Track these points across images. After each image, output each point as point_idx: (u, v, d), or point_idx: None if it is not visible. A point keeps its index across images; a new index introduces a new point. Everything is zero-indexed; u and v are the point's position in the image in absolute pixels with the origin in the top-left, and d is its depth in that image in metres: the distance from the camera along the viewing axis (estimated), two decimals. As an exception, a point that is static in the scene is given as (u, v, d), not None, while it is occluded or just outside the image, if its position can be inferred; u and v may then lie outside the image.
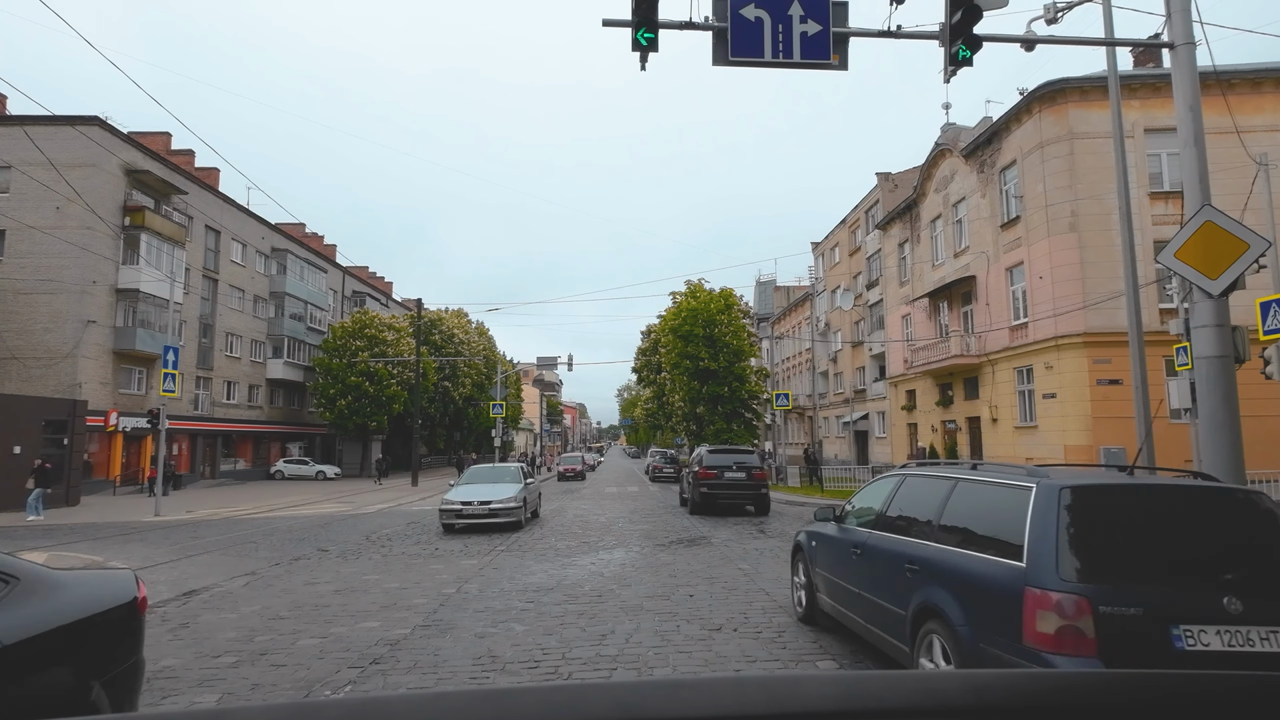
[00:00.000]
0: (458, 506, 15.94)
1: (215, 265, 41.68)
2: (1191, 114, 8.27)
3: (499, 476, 18.05)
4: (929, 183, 35.00)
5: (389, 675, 6.06)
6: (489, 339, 68.47)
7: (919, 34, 8.50)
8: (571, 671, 6.13)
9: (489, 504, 15.96)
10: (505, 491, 16.60)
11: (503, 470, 18.87)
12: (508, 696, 1.01)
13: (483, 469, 19.11)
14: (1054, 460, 25.04)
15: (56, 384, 30.71)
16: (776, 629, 7.31)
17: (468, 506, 15.91)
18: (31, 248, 31.59)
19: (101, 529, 18.44)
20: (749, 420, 41.14)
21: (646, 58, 8.25)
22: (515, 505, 16.37)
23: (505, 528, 16.22)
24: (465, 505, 15.92)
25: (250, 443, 45.40)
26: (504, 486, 16.98)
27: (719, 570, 10.81)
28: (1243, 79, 24.33)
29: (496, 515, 15.94)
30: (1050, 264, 25.30)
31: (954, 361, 30.49)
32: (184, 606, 8.91)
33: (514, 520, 16.34)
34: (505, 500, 16.20)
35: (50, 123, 29.66)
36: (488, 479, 17.75)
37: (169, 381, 21.73)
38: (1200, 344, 8.02)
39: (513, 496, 16.45)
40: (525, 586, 9.75)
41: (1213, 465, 7.89)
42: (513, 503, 16.32)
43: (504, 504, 16.11)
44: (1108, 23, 10.71)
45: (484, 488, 16.81)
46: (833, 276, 51.39)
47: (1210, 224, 7.92)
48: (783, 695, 1.00)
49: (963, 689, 1.04)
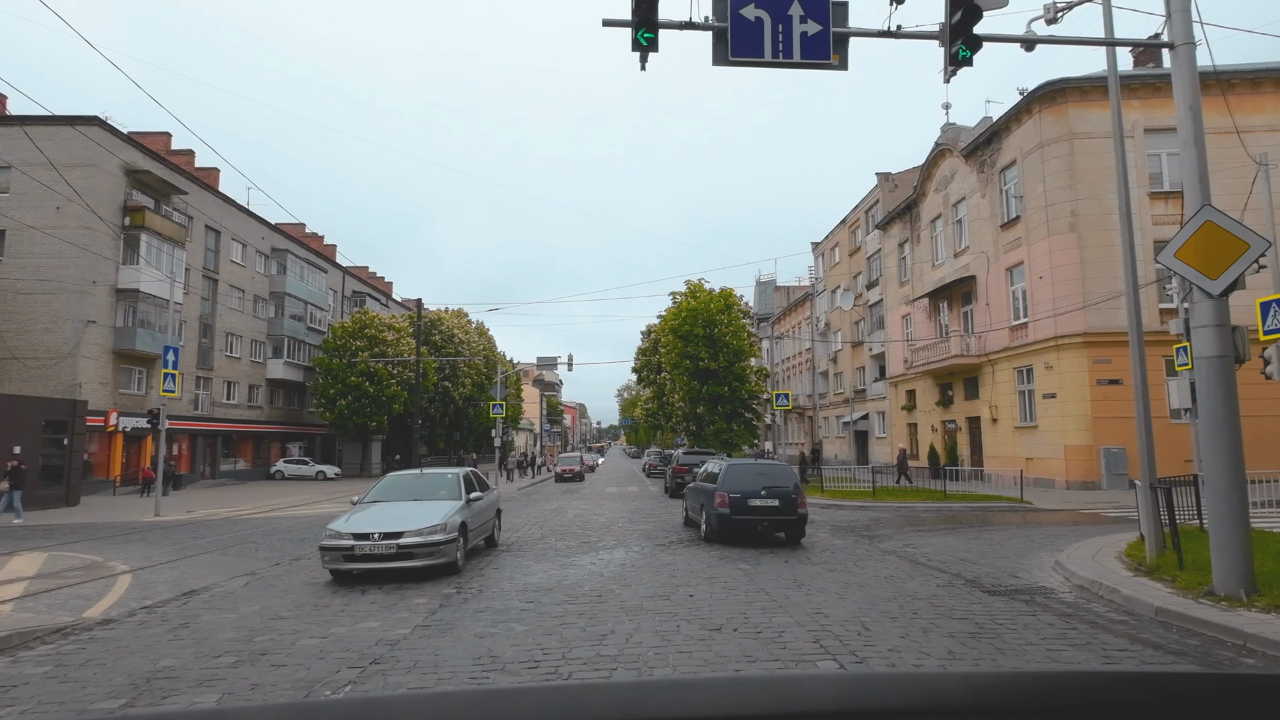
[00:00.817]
0: (348, 543, 10.14)
1: (215, 265, 41.69)
2: (1191, 114, 8.27)
3: (426, 490, 12.42)
4: (929, 183, 34.99)
5: (389, 675, 6.06)
6: (489, 339, 68.47)
7: (919, 34, 8.50)
8: (571, 671, 6.13)
9: (398, 538, 10.22)
10: (428, 516, 10.82)
11: (435, 480, 12.85)
12: (508, 696, 1.01)
13: (403, 479, 13.24)
14: (1054, 460, 25.06)
15: (56, 384, 30.71)
16: (777, 629, 7.31)
17: (364, 543, 10.15)
18: (31, 248, 31.59)
19: (101, 529, 18.45)
20: (749, 420, 41.16)
21: (646, 58, 8.25)
22: (444, 539, 10.50)
23: (425, 575, 10.40)
24: (360, 540, 10.17)
25: (250, 443, 45.42)
26: (429, 508, 11.29)
27: (719, 570, 10.81)
28: (1243, 79, 24.33)
29: (413, 555, 10.22)
30: (1050, 264, 25.30)
31: (954, 361, 30.49)
32: (184, 606, 8.91)
33: (442, 561, 10.50)
34: (426, 531, 10.41)
35: (50, 123, 29.67)
36: (408, 494, 12.30)
37: (169, 381, 21.73)
38: (1200, 344, 8.03)
39: (439, 524, 10.58)
40: (525, 586, 9.75)
41: (1212, 465, 7.89)
42: (439, 534, 10.49)
43: (423, 537, 10.32)
44: (1107, 23, 10.71)
45: (396, 510, 11.22)
46: (833, 276, 51.40)
47: (1210, 224, 7.92)
48: (783, 695, 1.00)
49: (963, 689, 1.04)
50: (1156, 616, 7.60)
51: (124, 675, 6.18)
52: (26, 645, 7.25)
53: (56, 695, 5.75)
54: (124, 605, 9.04)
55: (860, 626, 7.36)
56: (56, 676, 6.24)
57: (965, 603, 8.39)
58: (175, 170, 37.59)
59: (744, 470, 14.24)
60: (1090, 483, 23.86)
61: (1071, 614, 7.88)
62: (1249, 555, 7.75)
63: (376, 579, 10.29)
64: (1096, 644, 6.70)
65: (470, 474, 13.53)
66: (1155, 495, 10.01)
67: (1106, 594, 8.63)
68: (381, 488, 12.77)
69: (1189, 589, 8.15)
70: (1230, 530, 7.71)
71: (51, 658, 6.82)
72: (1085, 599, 8.64)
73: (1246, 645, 6.46)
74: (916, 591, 9.03)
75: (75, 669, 6.42)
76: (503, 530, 16.65)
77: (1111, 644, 6.71)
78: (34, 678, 6.21)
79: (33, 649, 7.13)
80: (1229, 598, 7.56)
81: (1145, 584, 8.74)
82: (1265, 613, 7.09)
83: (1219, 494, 7.79)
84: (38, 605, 9.03)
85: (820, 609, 8.15)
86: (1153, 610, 7.69)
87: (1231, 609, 7.29)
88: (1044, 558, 11.51)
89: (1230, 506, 7.71)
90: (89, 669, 6.40)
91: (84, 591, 9.92)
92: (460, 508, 11.51)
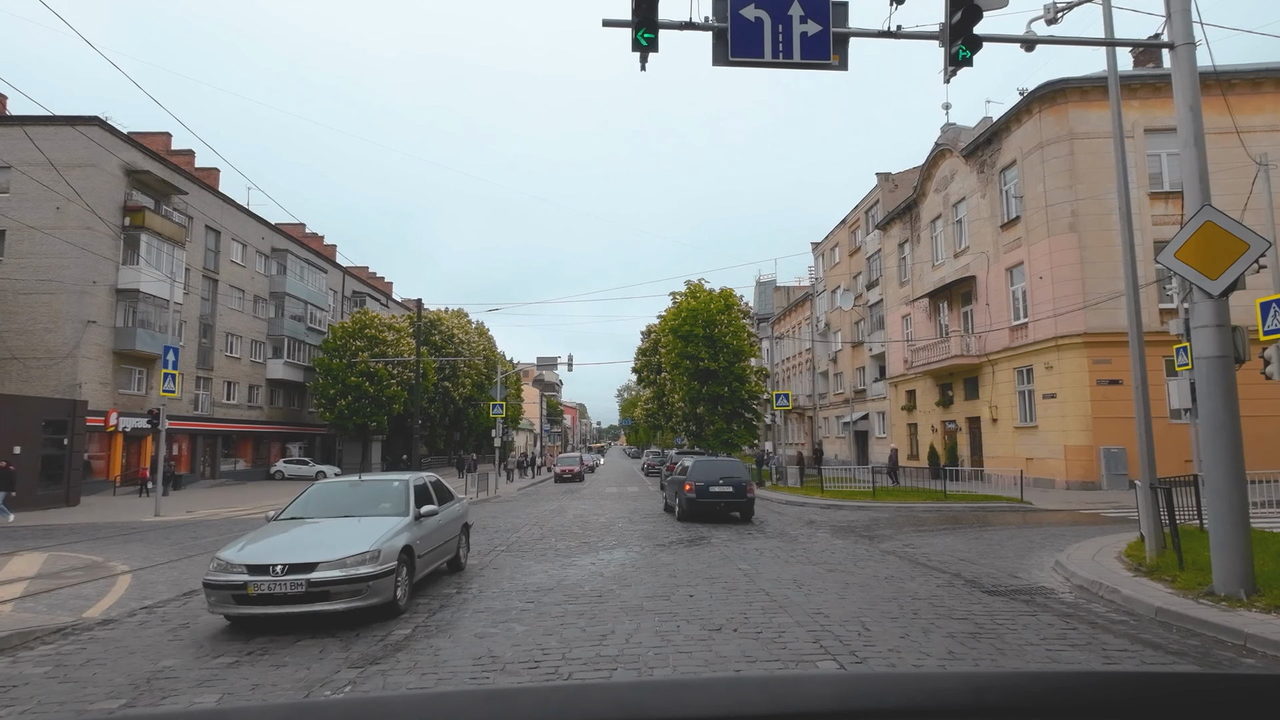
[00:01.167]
0: (239, 578, 7.51)
1: (215, 265, 41.69)
2: (1191, 114, 8.27)
3: (363, 503, 9.62)
4: (929, 183, 34.99)
5: (389, 675, 6.06)
6: (489, 339, 68.50)
7: (919, 34, 8.50)
8: (571, 672, 6.13)
9: (309, 571, 7.56)
10: (356, 540, 8.12)
11: (376, 490, 10.02)
12: (508, 697, 1.01)
13: (335, 489, 10.40)
14: (1054, 460, 25.06)
15: (57, 384, 30.71)
16: (777, 629, 7.31)
17: (261, 578, 7.48)
18: (32, 248, 31.59)
19: (101, 529, 18.44)
20: (749, 420, 41.14)
21: (646, 58, 8.25)
22: (374, 571, 7.80)
23: (352, 620, 7.84)
24: (257, 576, 7.51)
25: (250, 443, 45.42)
26: (361, 528, 8.57)
27: (719, 570, 10.80)
28: (1243, 79, 24.33)
29: (331, 595, 7.55)
30: (1050, 264, 25.29)
31: (954, 361, 30.49)
32: (184, 607, 8.92)
33: (374, 602, 7.80)
34: (351, 561, 7.73)
35: (50, 123, 29.67)
36: (338, 508, 9.48)
37: (169, 382, 21.72)
38: (1200, 344, 8.02)
39: (368, 552, 7.88)
40: (525, 587, 9.75)
41: (1212, 465, 7.89)
42: (368, 564, 7.80)
43: (345, 570, 7.65)
44: (1107, 23, 10.71)
45: (315, 532, 8.59)
46: (833, 277, 51.40)
47: (1210, 224, 7.92)
48: (783, 695, 1.00)
49: (963, 689, 1.04)
50: (1156, 617, 7.59)
51: (124, 675, 6.18)
52: (26, 645, 7.25)
53: (56, 695, 5.76)
54: (124, 605, 9.04)
55: (860, 627, 7.36)
56: (56, 676, 6.24)
57: (965, 603, 8.39)
58: (175, 170, 37.60)
59: (707, 465, 18.95)
60: (1090, 483, 23.86)
61: (1071, 614, 7.88)
62: (1249, 555, 7.75)
63: (287, 626, 7.59)
64: (1096, 644, 6.70)
65: (427, 483, 10.65)
66: (1155, 495, 10.01)
67: (1106, 594, 8.63)
68: (306, 500, 9.85)
69: (1189, 589, 8.15)
70: (1230, 530, 7.71)
71: (51, 658, 6.82)
72: (1085, 599, 8.63)
73: (1247, 645, 6.46)
74: (916, 592, 9.02)
75: (75, 669, 6.42)
76: (502, 531, 16.63)
77: (1111, 644, 6.71)
78: (34, 678, 6.21)
79: (33, 649, 7.13)
80: (1229, 598, 7.56)
81: (1145, 584, 8.74)
82: (1265, 613, 7.09)
83: (1219, 494, 7.79)
84: (38, 605, 9.03)
85: (820, 609, 8.14)
86: (1153, 610, 7.69)
87: (1231, 609, 7.29)
88: (1044, 558, 11.50)
89: (1230, 506, 7.71)
90: (89, 669, 6.40)
91: (84, 592, 9.92)
92: (404, 527, 8.79)
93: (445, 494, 11.26)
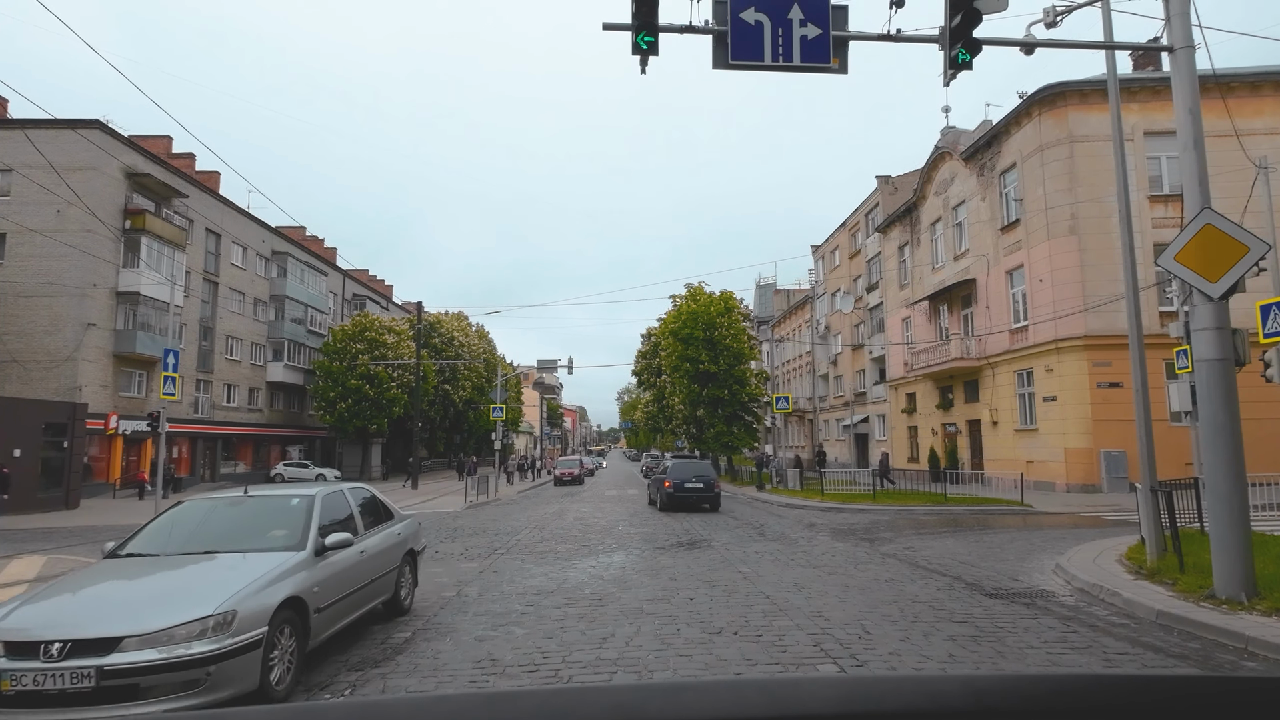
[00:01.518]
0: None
1: (215, 268, 41.72)
2: (1191, 117, 8.28)
3: (244, 529, 6.72)
4: (929, 186, 35.02)
5: (389, 678, 6.05)
6: (489, 342, 68.56)
7: (919, 38, 8.51)
8: (571, 675, 6.12)
9: (105, 652, 4.63)
10: (196, 596, 5.19)
11: (265, 511, 7.09)
12: (508, 700, 1.01)
13: (208, 510, 7.14)
14: (1054, 463, 25.05)
15: (57, 387, 30.71)
16: (777, 632, 7.30)
17: (26, 664, 4.58)
18: (32, 251, 31.61)
19: (101, 531, 18.43)
20: (749, 423, 41.13)
21: (647, 61, 8.26)
22: (214, 649, 4.81)
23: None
24: (19, 661, 4.60)
25: (250, 445, 45.41)
26: (213, 574, 5.75)
27: (719, 573, 10.79)
28: (1242, 82, 24.35)
29: (140, 692, 4.64)
30: (1050, 267, 25.31)
31: (954, 364, 30.49)
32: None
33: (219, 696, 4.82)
34: (180, 633, 4.80)
35: (51, 126, 29.73)
36: (205, 538, 6.53)
37: (169, 384, 21.70)
38: (1200, 347, 8.03)
39: (211, 616, 4.93)
40: (525, 590, 9.74)
41: (1213, 467, 7.89)
42: (206, 638, 4.84)
43: (161, 650, 4.70)
44: (1107, 26, 10.73)
45: (141, 582, 5.80)
46: (833, 279, 51.43)
47: (1210, 227, 7.93)
48: (783, 698, 1.00)
49: (963, 691, 1.04)
50: (1157, 620, 7.59)
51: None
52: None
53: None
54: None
55: (860, 629, 7.35)
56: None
57: (966, 606, 8.38)
58: (176, 173, 37.63)
59: (682, 465, 23.30)
60: (1091, 486, 23.84)
61: (1072, 617, 7.87)
62: (1250, 558, 7.75)
63: None
64: (1097, 647, 6.69)
65: (347, 497, 7.70)
66: (1156, 498, 10.00)
67: (1107, 597, 8.62)
68: (159, 528, 6.79)
69: (1190, 592, 8.14)
70: (1231, 533, 7.71)
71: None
72: (1086, 602, 8.62)
73: (1248, 648, 6.45)
74: (917, 595, 9.02)
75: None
76: (502, 535, 16.58)
77: (1112, 647, 6.70)
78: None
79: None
80: (1230, 601, 7.55)
81: (1146, 587, 8.73)
82: (1266, 616, 7.08)
83: (1219, 497, 7.78)
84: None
85: (820, 612, 8.14)
86: (1153, 613, 7.68)
87: (1232, 612, 7.28)
88: (1044, 561, 11.49)
89: (1231, 509, 7.71)
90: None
91: (83, 594, 9.90)
92: (291, 568, 5.93)
93: (378, 511, 8.32)
